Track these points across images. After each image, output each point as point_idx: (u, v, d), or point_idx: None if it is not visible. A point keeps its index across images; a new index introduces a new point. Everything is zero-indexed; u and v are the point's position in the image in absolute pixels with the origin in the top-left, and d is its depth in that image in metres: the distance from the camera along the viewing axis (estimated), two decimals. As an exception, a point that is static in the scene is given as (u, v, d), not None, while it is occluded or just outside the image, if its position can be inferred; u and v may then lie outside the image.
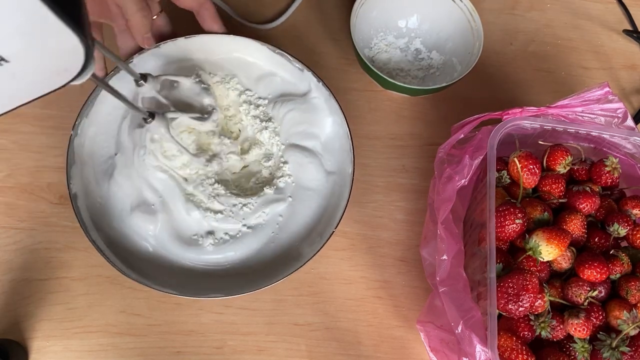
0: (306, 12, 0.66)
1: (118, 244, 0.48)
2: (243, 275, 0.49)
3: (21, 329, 0.49)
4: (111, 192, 0.50)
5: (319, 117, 0.54)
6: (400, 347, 0.52)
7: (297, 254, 0.49)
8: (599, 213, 0.50)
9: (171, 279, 0.48)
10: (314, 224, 0.51)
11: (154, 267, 0.48)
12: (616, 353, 0.43)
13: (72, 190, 0.47)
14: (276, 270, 0.48)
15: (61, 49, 0.29)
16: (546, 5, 0.71)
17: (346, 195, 0.50)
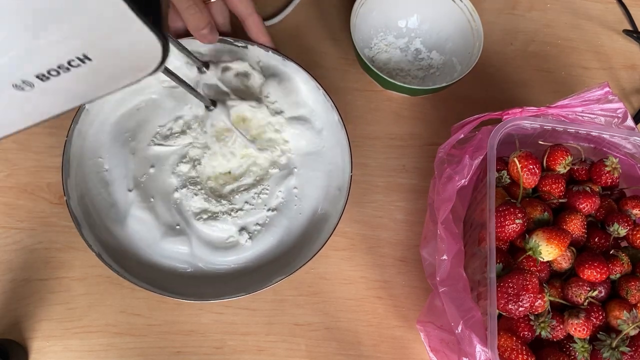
0: (306, 12, 0.66)
1: (154, 275, 0.48)
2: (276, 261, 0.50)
3: (21, 329, 0.49)
4: (131, 231, 0.49)
5: (295, 84, 0.55)
6: (400, 347, 0.52)
7: (324, 216, 0.52)
8: (599, 213, 0.50)
9: (208, 289, 0.48)
10: (328, 180, 0.53)
11: (193, 283, 0.49)
12: (616, 353, 0.43)
13: (96, 251, 0.46)
14: (310, 243, 0.50)
15: (141, 48, 0.30)
16: (546, 5, 0.71)
17: (344, 142, 0.52)
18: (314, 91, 0.54)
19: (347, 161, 0.51)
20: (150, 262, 0.49)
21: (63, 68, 0.29)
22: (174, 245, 0.49)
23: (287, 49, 0.62)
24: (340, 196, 0.51)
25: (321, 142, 0.54)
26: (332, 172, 0.53)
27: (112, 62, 0.30)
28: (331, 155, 0.54)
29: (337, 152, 0.53)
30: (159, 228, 0.49)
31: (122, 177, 0.51)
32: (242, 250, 0.50)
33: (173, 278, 0.49)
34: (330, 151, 0.54)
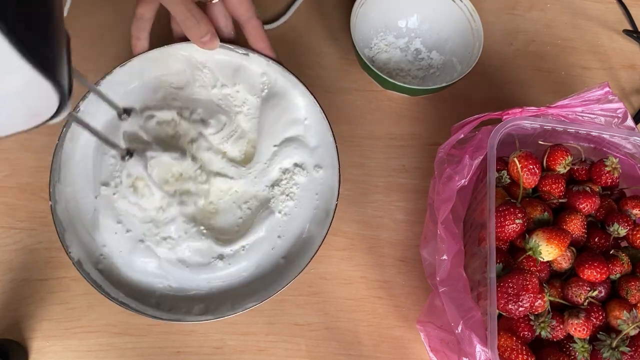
0: (306, 12, 0.66)
1: (137, 291, 0.47)
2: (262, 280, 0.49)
3: (21, 329, 0.49)
4: (106, 239, 0.48)
5: (291, 99, 0.53)
6: (400, 347, 0.52)
7: (309, 238, 0.50)
8: (599, 213, 0.50)
9: (199, 305, 0.48)
10: (317, 203, 0.51)
11: (178, 300, 0.48)
12: (616, 353, 0.43)
13: (75, 259, 0.46)
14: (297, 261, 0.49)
15: (32, 94, 0.27)
16: (546, 5, 0.71)
17: (336, 163, 0.50)
18: (311, 106, 0.52)
19: (336, 184, 0.50)
20: (125, 273, 0.48)
21: None
22: (144, 258, 0.48)
23: (287, 49, 0.62)
24: (326, 220, 0.49)
25: (314, 160, 0.52)
26: (323, 194, 0.51)
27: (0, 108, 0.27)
28: (324, 175, 0.52)
29: (329, 174, 0.51)
30: (127, 240, 0.48)
31: (92, 181, 0.49)
32: (216, 270, 0.49)
33: (145, 292, 0.48)
34: (323, 171, 0.52)
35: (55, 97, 0.28)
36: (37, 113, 0.29)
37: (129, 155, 0.45)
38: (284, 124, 0.52)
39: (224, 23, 0.52)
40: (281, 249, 0.50)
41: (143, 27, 0.50)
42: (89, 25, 0.62)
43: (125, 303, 0.46)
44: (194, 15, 0.47)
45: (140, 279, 0.48)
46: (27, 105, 0.28)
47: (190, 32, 0.48)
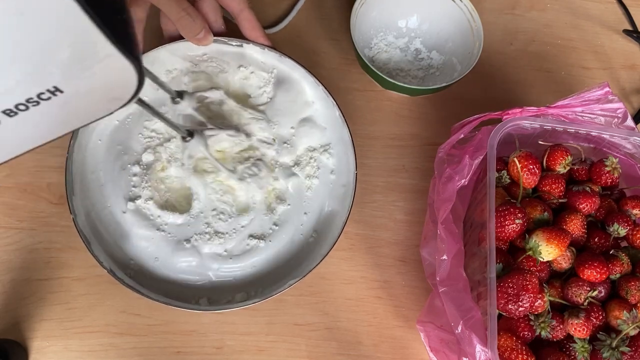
0: (306, 12, 0.66)
1: (167, 287, 0.48)
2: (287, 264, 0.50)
3: (21, 329, 0.49)
4: (138, 248, 0.49)
5: (300, 85, 0.54)
6: (400, 347, 0.52)
7: (331, 214, 0.52)
8: (599, 213, 0.50)
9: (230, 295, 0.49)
10: (335, 177, 0.53)
11: (217, 292, 0.49)
12: (616, 353, 0.43)
13: (107, 268, 0.45)
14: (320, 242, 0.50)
15: (115, 76, 0.28)
16: (546, 5, 0.71)
17: (347, 138, 0.52)
18: (314, 87, 0.54)
19: (352, 159, 0.52)
20: (161, 275, 0.49)
21: (32, 101, 0.26)
22: (184, 258, 0.49)
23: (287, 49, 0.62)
24: (347, 194, 0.51)
25: (326, 139, 0.54)
26: (336, 170, 0.53)
27: (84, 94, 0.28)
28: (335, 152, 0.54)
29: (341, 149, 0.53)
30: (168, 244, 0.49)
31: (115, 196, 0.50)
32: (256, 254, 0.50)
33: (185, 289, 0.49)
34: (333, 148, 0.54)
35: (135, 77, 0.28)
36: (120, 95, 0.30)
37: (190, 136, 0.46)
38: (299, 106, 0.54)
39: (214, 18, 0.52)
40: (309, 223, 0.52)
41: (136, 29, 0.50)
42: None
43: (166, 302, 0.46)
44: (189, 13, 0.47)
45: (179, 278, 0.49)
46: (112, 88, 0.29)
47: (185, 30, 0.48)
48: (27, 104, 0.26)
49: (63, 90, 0.27)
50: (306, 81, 0.54)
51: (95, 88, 0.28)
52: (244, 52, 0.54)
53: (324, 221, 0.52)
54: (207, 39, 0.50)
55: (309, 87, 0.55)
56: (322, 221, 0.52)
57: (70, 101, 0.28)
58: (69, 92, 0.27)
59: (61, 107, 0.28)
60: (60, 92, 0.27)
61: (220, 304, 0.48)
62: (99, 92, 0.29)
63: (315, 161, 0.53)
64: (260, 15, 0.64)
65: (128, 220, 0.49)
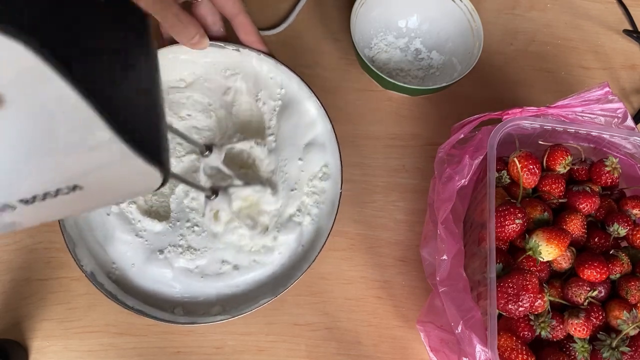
0: (306, 13, 0.66)
1: (153, 299, 0.48)
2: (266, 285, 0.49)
3: (21, 329, 0.49)
4: (118, 252, 0.48)
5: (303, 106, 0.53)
6: (400, 347, 0.52)
7: (315, 231, 0.51)
8: (599, 213, 0.50)
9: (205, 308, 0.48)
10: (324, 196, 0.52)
11: (194, 305, 0.48)
12: (616, 353, 0.43)
13: (88, 271, 0.46)
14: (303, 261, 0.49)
15: (139, 178, 0.29)
16: (546, 5, 0.71)
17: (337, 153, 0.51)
18: (309, 98, 0.52)
19: (339, 175, 0.50)
20: (138, 282, 0.48)
21: (50, 195, 0.27)
22: (157, 268, 0.48)
23: (287, 49, 0.62)
24: (332, 211, 0.50)
25: (326, 157, 0.52)
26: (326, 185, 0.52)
27: (104, 190, 0.29)
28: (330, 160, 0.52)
29: (332, 164, 0.52)
30: (144, 252, 0.48)
31: None
32: (229, 278, 0.49)
33: (160, 299, 0.48)
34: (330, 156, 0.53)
35: (159, 179, 0.29)
36: (141, 191, 0.31)
37: (215, 195, 0.46)
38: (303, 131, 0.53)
39: (212, 20, 0.51)
40: (298, 250, 0.51)
41: None
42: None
43: (142, 311, 0.46)
44: (181, 20, 0.47)
45: (155, 287, 0.48)
46: (133, 186, 0.30)
47: (179, 36, 0.48)
48: (45, 196, 0.27)
49: (83, 187, 0.27)
50: (301, 91, 0.53)
51: (116, 187, 0.29)
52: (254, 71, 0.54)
53: (310, 240, 0.51)
54: (203, 43, 0.50)
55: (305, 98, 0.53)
56: (309, 241, 0.51)
57: (88, 196, 0.28)
58: (89, 189, 0.28)
59: (78, 199, 0.28)
60: (79, 189, 0.27)
61: (197, 315, 0.47)
62: (120, 189, 0.30)
63: (315, 193, 0.52)
64: (260, 16, 0.64)
65: (112, 223, 0.49)
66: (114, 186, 0.29)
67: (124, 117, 0.25)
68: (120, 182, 0.28)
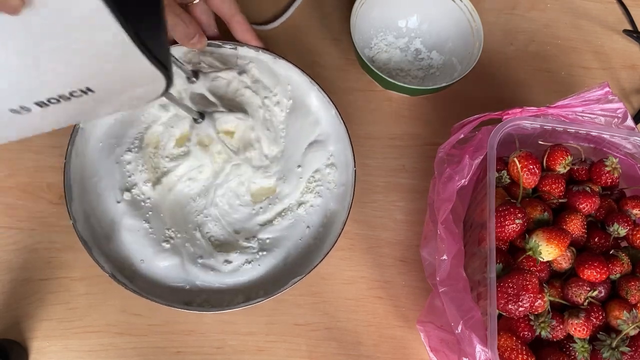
0: (306, 12, 0.66)
1: (158, 286, 0.48)
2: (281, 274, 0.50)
3: (21, 329, 0.49)
4: (126, 244, 0.48)
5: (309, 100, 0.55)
6: (400, 347, 0.52)
7: (331, 215, 0.52)
8: (599, 213, 0.50)
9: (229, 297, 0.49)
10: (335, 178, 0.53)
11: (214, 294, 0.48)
12: (616, 353, 0.43)
13: (109, 272, 0.45)
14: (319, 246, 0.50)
15: (145, 81, 0.30)
16: (546, 5, 0.71)
17: (345, 136, 0.52)
18: (309, 87, 0.54)
19: (350, 157, 0.51)
20: (151, 277, 0.48)
21: (64, 97, 0.28)
22: (166, 262, 0.48)
23: (287, 49, 0.62)
24: (346, 192, 0.51)
25: (329, 150, 0.54)
26: (336, 169, 0.53)
27: (114, 93, 0.30)
28: (333, 150, 0.54)
29: (340, 148, 0.53)
30: (152, 244, 0.48)
31: (111, 188, 0.50)
32: (242, 274, 0.49)
33: (176, 293, 0.48)
34: (332, 146, 0.54)
35: (163, 83, 0.30)
36: (147, 96, 0.32)
37: (201, 118, 0.47)
38: (307, 130, 0.54)
39: (207, 21, 0.52)
40: (310, 234, 0.51)
41: None
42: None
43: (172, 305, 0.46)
44: (183, 19, 0.48)
45: (167, 281, 0.48)
46: (140, 90, 0.31)
47: (179, 35, 0.49)
48: (59, 98, 0.28)
49: (94, 90, 0.28)
50: (300, 78, 0.54)
51: (125, 90, 0.30)
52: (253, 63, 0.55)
53: (325, 224, 0.52)
54: (202, 42, 0.51)
55: (304, 85, 0.54)
56: (323, 225, 0.52)
57: (99, 99, 0.29)
58: (100, 92, 0.29)
59: (89, 102, 0.29)
60: (91, 91, 0.28)
61: (221, 306, 0.47)
62: (127, 93, 0.31)
63: (320, 180, 0.53)
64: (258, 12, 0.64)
65: (120, 210, 0.49)
66: (122, 89, 0.30)
67: (132, 19, 0.26)
68: (129, 85, 0.30)
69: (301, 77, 0.54)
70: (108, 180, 0.50)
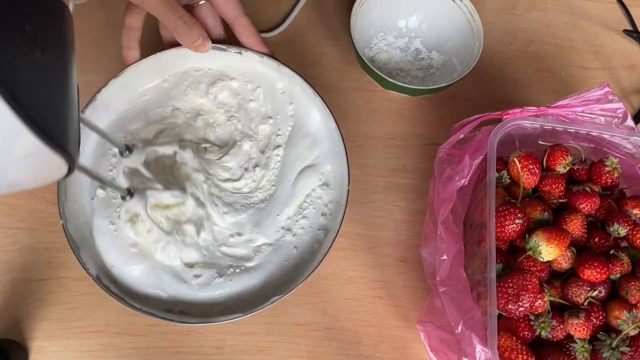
0: (306, 13, 0.66)
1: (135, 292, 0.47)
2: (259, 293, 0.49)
3: (21, 329, 0.49)
4: (100, 244, 0.47)
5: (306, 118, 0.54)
6: (400, 347, 0.52)
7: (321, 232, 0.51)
8: (599, 213, 0.50)
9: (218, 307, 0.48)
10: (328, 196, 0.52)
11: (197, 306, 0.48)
12: (616, 353, 0.43)
13: (94, 275, 0.45)
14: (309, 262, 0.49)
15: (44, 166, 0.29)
16: (546, 5, 0.71)
17: (342, 152, 0.51)
18: (312, 99, 0.53)
19: (345, 174, 0.50)
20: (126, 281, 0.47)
21: None
22: (134, 265, 0.47)
23: (287, 49, 0.62)
24: (339, 210, 0.50)
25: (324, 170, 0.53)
26: (330, 186, 0.52)
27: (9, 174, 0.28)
28: (330, 169, 0.53)
29: (336, 165, 0.52)
30: (119, 250, 0.47)
31: (89, 185, 0.49)
32: (215, 289, 0.48)
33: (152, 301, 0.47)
34: (329, 165, 0.53)
35: (65, 166, 0.29)
36: (46, 178, 0.31)
37: (130, 195, 0.45)
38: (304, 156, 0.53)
39: (213, 24, 0.52)
40: (298, 254, 0.50)
41: (133, 37, 0.50)
42: (90, 24, 0.62)
43: (151, 312, 0.45)
44: (186, 21, 0.47)
45: (145, 289, 0.48)
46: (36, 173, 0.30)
47: (183, 38, 0.49)
48: None
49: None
50: (302, 89, 0.53)
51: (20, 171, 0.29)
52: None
53: (313, 243, 0.50)
54: (205, 45, 0.50)
55: (305, 96, 0.53)
56: (311, 244, 0.50)
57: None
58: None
59: None
60: None
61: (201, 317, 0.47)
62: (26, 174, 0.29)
63: (312, 202, 0.51)
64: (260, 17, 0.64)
65: (93, 208, 0.48)
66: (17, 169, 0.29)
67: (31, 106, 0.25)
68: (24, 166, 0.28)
69: (304, 88, 0.53)
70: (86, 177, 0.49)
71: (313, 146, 0.53)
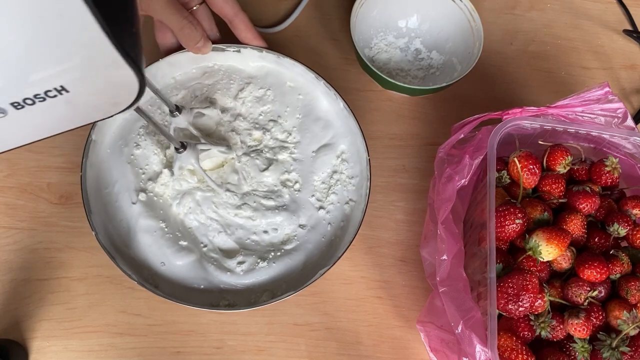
0: (307, 13, 0.66)
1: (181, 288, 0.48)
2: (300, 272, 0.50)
3: (21, 329, 0.49)
4: (144, 246, 0.48)
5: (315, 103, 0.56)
6: (400, 347, 0.52)
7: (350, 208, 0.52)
8: (599, 213, 0.50)
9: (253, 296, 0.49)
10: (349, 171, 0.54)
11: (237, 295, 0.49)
12: (616, 353, 0.43)
13: (136, 280, 0.45)
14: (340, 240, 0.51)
15: (119, 84, 0.30)
16: (546, 5, 0.71)
17: (355, 127, 0.53)
18: (315, 84, 0.54)
19: (362, 147, 0.52)
20: (172, 278, 0.48)
21: (39, 97, 0.28)
22: (184, 259, 0.48)
23: (287, 49, 0.62)
24: (361, 184, 0.52)
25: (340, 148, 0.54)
26: (348, 162, 0.54)
27: (88, 95, 0.30)
28: (345, 147, 0.54)
29: (350, 141, 0.54)
30: (169, 244, 0.48)
31: (124, 191, 0.50)
32: (259, 274, 0.49)
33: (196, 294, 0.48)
34: (343, 144, 0.54)
35: (136, 87, 0.30)
36: (121, 101, 0.32)
37: (183, 148, 0.47)
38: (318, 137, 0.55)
39: (209, 25, 0.53)
40: (332, 231, 0.52)
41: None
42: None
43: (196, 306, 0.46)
44: (191, 22, 0.48)
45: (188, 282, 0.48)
46: (114, 94, 0.31)
47: (187, 39, 0.49)
48: (34, 99, 0.28)
49: (69, 90, 0.28)
50: (304, 78, 0.54)
51: (99, 91, 0.30)
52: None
53: (342, 218, 0.52)
54: (207, 46, 0.51)
55: (307, 81, 0.55)
56: (340, 220, 0.52)
57: (74, 101, 0.29)
58: (74, 92, 0.29)
59: (65, 105, 0.29)
60: (66, 91, 0.28)
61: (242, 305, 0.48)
62: (102, 95, 0.31)
63: (338, 180, 0.53)
64: (261, 15, 0.64)
65: (135, 212, 0.49)
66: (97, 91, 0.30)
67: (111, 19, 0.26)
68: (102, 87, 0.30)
69: (306, 74, 0.54)
70: (122, 183, 0.50)
71: (326, 127, 0.55)
